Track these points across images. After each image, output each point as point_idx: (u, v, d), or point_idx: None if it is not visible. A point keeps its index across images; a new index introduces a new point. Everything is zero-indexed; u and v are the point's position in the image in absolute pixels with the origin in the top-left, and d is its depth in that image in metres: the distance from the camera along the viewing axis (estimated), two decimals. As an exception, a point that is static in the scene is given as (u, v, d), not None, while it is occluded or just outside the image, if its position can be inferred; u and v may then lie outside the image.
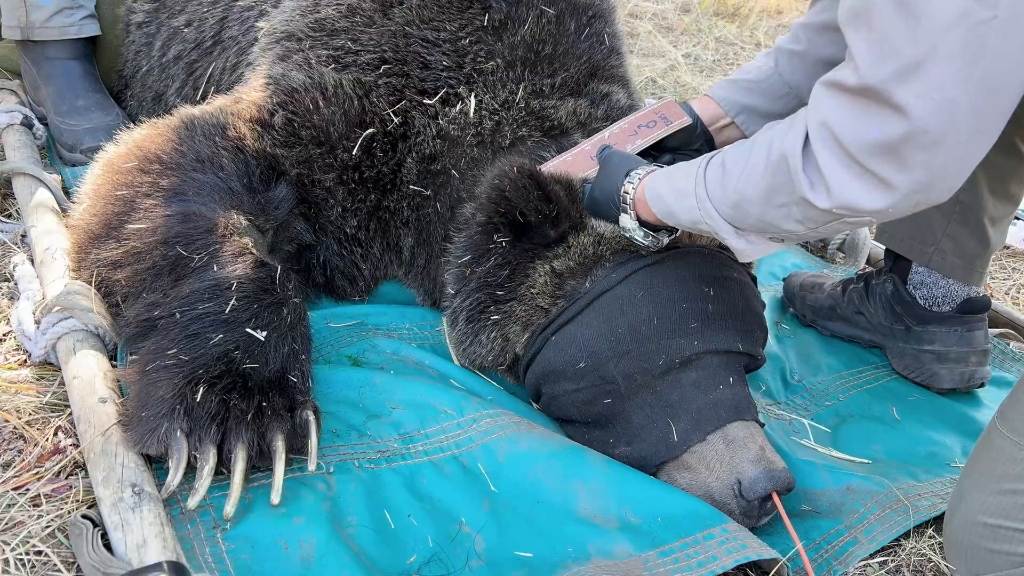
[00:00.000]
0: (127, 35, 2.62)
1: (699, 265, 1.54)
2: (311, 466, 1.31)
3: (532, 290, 1.57)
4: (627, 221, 1.49)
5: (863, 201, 1.12)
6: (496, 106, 1.79)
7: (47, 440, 1.37)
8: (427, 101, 1.79)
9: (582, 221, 1.58)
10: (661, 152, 1.77)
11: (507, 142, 1.77)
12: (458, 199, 1.77)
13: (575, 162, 1.67)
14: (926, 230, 1.96)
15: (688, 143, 1.79)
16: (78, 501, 1.27)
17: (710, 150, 1.59)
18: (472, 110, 1.77)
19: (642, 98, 2.30)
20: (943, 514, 1.49)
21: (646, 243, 1.50)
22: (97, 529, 1.15)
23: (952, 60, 1.01)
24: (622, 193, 1.48)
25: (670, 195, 1.39)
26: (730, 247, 1.35)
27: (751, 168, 1.24)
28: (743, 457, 1.42)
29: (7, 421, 1.40)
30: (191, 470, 1.24)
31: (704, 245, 1.60)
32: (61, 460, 1.33)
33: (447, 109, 1.80)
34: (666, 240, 1.53)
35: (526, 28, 1.82)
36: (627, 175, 1.49)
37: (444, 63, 1.80)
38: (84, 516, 1.17)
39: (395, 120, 1.78)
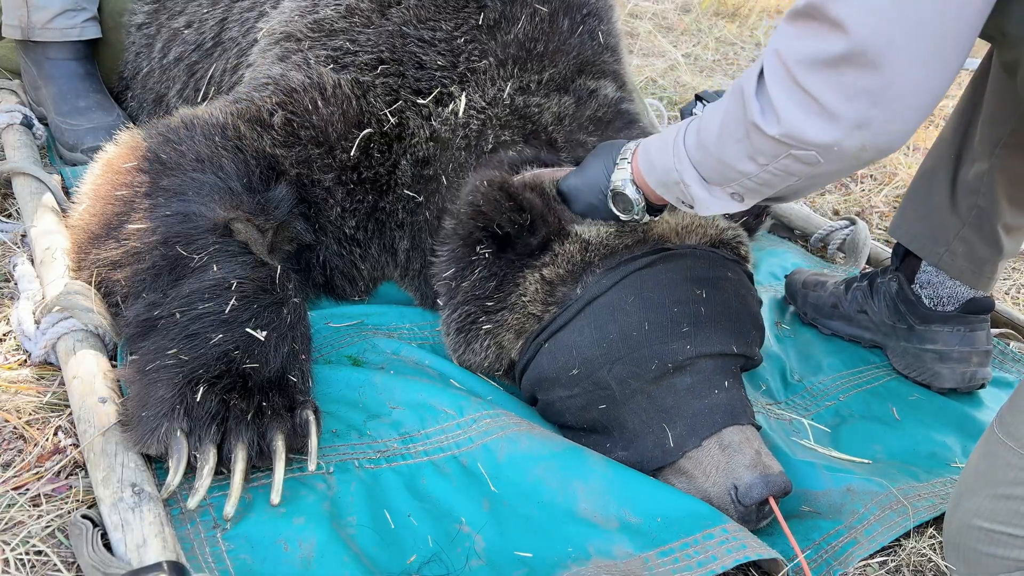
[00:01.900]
0: (127, 36, 2.62)
1: (690, 267, 1.53)
2: (311, 466, 1.31)
3: (523, 298, 1.56)
4: (620, 174, 1.48)
5: (808, 130, 1.12)
6: (483, 104, 1.78)
7: (47, 440, 1.37)
8: (421, 101, 1.79)
9: (563, 228, 1.56)
10: None
11: (489, 147, 1.76)
12: (443, 209, 1.76)
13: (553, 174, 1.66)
14: (939, 230, 1.96)
15: None
16: (78, 501, 1.27)
17: None
18: (462, 109, 1.77)
19: (642, 98, 2.30)
20: (943, 514, 1.49)
21: (636, 197, 1.47)
22: (97, 529, 1.15)
23: None
24: (622, 149, 1.50)
25: (656, 150, 1.41)
26: (692, 197, 1.35)
27: (721, 105, 1.27)
28: (739, 462, 1.42)
29: (7, 421, 1.40)
30: (191, 470, 1.24)
31: (694, 245, 1.58)
32: (61, 460, 1.33)
33: (440, 109, 1.79)
34: (647, 218, 1.52)
35: (519, 26, 1.82)
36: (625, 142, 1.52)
37: (439, 63, 1.80)
38: (84, 516, 1.17)
39: (391, 120, 1.78)
